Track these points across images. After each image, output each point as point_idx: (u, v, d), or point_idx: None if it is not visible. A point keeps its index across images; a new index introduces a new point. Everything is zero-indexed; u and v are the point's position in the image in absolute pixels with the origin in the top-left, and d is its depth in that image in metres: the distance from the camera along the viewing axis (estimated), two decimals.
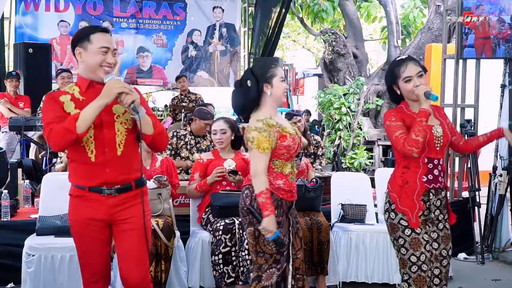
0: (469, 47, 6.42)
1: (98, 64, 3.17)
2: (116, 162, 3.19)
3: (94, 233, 3.25)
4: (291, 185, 3.57)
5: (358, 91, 10.66)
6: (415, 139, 3.36)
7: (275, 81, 3.55)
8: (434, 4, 11.75)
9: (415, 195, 3.48)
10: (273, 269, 3.52)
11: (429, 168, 3.50)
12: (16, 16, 10.84)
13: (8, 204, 5.14)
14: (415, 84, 3.46)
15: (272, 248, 3.50)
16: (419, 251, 3.48)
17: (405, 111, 3.55)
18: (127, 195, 3.26)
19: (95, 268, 3.33)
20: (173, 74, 11.27)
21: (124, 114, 3.22)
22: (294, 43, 21.64)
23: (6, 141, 7.92)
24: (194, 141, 6.26)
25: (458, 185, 6.65)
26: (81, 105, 3.14)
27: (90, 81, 3.22)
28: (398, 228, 3.52)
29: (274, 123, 3.49)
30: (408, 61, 3.52)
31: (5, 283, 4.91)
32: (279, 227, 3.47)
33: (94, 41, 3.18)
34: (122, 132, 3.22)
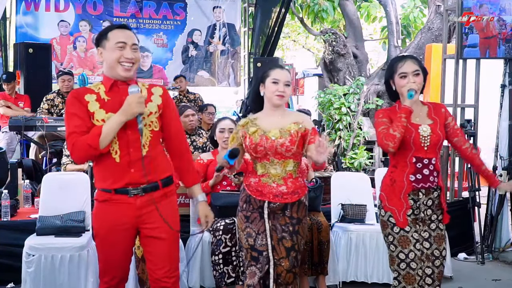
0: (469, 47, 6.42)
1: (116, 61, 3.16)
2: (140, 163, 3.16)
3: (120, 238, 3.23)
4: (262, 186, 3.56)
5: (358, 91, 10.64)
6: (392, 134, 3.42)
7: (267, 82, 3.59)
8: (434, 4, 11.73)
9: (402, 194, 3.52)
10: (252, 267, 3.54)
11: (418, 167, 3.53)
12: (16, 16, 10.83)
13: (8, 204, 5.14)
14: (409, 81, 3.50)
15: (245, 242, 3.56)
16: (407, 249, 3.52)
17: (397, 110, 3.58)
18: (155, 194, 3.22)
19: (116, 272, 3.31)
20: (173, 74, 11.26)
21: (150, 115, 3.21)
22: (294, 43, 21.61)
23: (6, 141, 7.92)
24: (189, 139, 6.29)
25: (458, 185, 6.65)
26: (106, 105, 3.15)
27: (113, 81, 3.21)
28: (388, 225, 3.57)
29: (247, 122, 3.62)
30: (408, 59, 3.57)
31: (5, 283, 4.91)
32: (247, 222, 3.56)
33: (110, 38, 3.18)
34: (147, 134, 3.20)
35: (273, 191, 3.55)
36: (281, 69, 3.63)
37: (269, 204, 3.56)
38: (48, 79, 9.32)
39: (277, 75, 3.58)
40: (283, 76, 3.57)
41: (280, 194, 3.55)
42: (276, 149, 3.52)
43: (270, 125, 3.58)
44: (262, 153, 3.53)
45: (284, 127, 3.56)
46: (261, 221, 3.56)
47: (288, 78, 3.61)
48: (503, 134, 6.54)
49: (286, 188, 3.57)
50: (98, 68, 11.42)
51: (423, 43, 11.48)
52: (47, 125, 6.88)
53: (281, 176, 3.56)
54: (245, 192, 3.62)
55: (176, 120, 3.39)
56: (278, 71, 3.60)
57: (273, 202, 3.56)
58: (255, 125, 3.60)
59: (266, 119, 3.61)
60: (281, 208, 3.58)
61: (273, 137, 3.53)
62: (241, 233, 3.62)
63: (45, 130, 6.95)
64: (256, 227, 3.55)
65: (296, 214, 3.60)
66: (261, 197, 3.56)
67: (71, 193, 4.94)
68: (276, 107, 3.60)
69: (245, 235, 3.57)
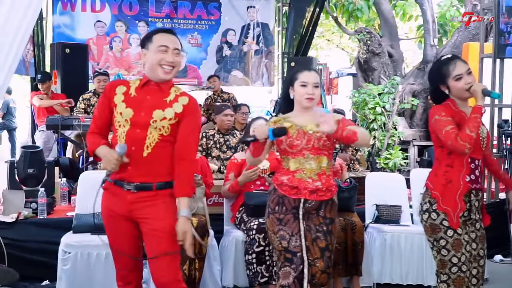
0: (510, 45, 6.32)
1: (158, 63, 3.27)
2: (139, 162, 3.25)
3: (119, 226, 3.35)
4: (298, 181, 3.53)
5: (393, 90, 10.55)
6: (469, 135, 3.32)
7: (296, 85, 3.61)
8: (471, 3, 11.57)
9: (457, 194, 3.45)
10: (286, 267, 3.52)
11: (472, 168, 3.48)
12: (53, 16, 10.97)
13: (45, 202, 5.22)
14: (466, 81, 3.43)
15: (278, 245, 3.53)
16: (460, 252, 3.47)
17: (453, 108, 3.51)
18: (147, 193, 3.28)
19: (123, 260, 3.41)
20: (207, 73, 11.30)
21: (162, 120, 3.27)
22: (328, 42, 21.52)
23: (43, 139, 8.04)
24: (223, 139, 6.34)
25: (495, 186, 6.55)
26: (129, 100, 3.28)
27: (147, 80, 3.33)
28: (440, 229, 3.49)
29: (279, 120, 3.61)
30: (456, 59, 3.51)
31: (40, 280, 4.98)
32: (280, 224, 3.52)
33: (155, 40, 3.30)
34: (154, 136, 3.26)
35: (309, 186, 3.53)
36: (309, 71, 3.63)
37: (305, 204, 3.54)
38: (85, 79, 9.42)
39: (305, 77, 3.58)
40: (311, 78, 3.57)
41: (315, 189, 3.54)
42: (314, 143, 3.52)
43: (304, 120, 3.59)
44: (298, 148, 3.52)
45: (319, 121, 3.55)
46: (295, 222, 3.54)
47: (317, 79, 3.60)
48: None
49: (321, 184, 3.56)
50: (134, 67, 11.52)
51: (460, 42, 11.33)
52: (84, 124, 6.95)
53: (316, 171, 3.55)
54: (277, 193, 3.59)
55: (192, 132, 3.37)
56: (306, 74, 3.60)
57: (309, 200, 3.54)
58: (288, 120, 3.60)
59: (298, 117, 3.62)
60: (315, 207, 3.56)
61: (310, 131, 3.54)
62: (272, 236, 3.59)
63: (82, 129, 7.02)
64: (290, 229, 3.53)
65: (329, 214, 3.60)
66: (296, 195, 3.53)
67: None
68: (306, 109, 3.61)
69: (278, 238, 3.54)
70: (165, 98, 3.34)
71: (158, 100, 3.32)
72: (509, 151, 6.19)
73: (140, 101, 3.28)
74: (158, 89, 3.34)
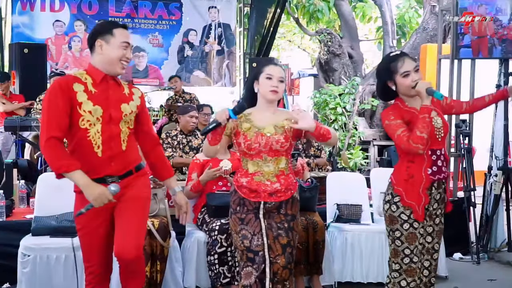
0: (465, 47, 6.43)
1: (119, 58, 3.29)
2: (121, 156, 3.33)
3: (97, 224, 3.34)
4: (256, 185, 3.52)
5: (353, 91, 10.67)
6: (420, 136, 3.37)
7: (261, 78, 3.55)
8: (429, 5, 11.75)
9: (421, 188, 3.50)
10: (248, 267, 3.51)
11: (433, 159, 3.53)
12: (12, 16, 10.82)
13: (3, 204, 5.12)
14: (413, 79, 3.46)
15: (240, 244, 3.52)
16: (413, 245, 3.55)
17: (402, 107, 3.56)
18: (128, 178, 3.39)
19: (101, 260, 3.41)
20: (169, 73, 11.25)
21: (130, 114, 3.38)
22: (289, 43, 21.64)
23: (1, 141, 7.92)
24: (186, 139, 6.31)
25: (453, 185, 6.65)
26: (93, 97, 3.25)
27: (104, 75, 3.31)
28: (397, 221, 3.55)
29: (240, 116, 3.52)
30: (404, 56, 3.53)
31: (0, 284, 4.90)
32: (242, 224, 3.53)
33: (117, 35, 3.29)
34: (126, 130, 3.35)
35: (268, 189, 3.52)
36: (274, 65, 3.61)
37: (265, 205, 3.54)
38: (43, 79, 9.30)
39: (271, 70, 3.55)
40: (276, 71, 3.55)
41: (274, 191, 3.53)
42: (271, 146, 3.50)
43: (263, 121, 3.54)
44: (256, 151, 3.50)
45: (278, 123, 3.54)
46: (257, 221, 3.54)
47: (282, 74, 3.57)
48: (498, 134, 6.54)
49: (279, 185, 3.54)
50: None
51: (418, 43, 11.51)
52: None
53: (274, 173, 3.53)
54: (237, 194, 3.57)
55: (148, 119, 3.62)
56: (272, 67, 3.57)
57: (269, 202, 3.53)
58: (248, 120, 3.55)
59: (259, 114, 3.57)
60: (276, 207, 3.56)
61: (268, 134, 3.50)
62: (235, 236, 3.59)
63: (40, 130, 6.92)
64: (252, 228, 3.53)
65: (290, 211, 3.59)
66: (256, 198, 3.52)
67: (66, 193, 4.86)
68: (270, 103, 3.57)
69: (241, 237, 3.54)
70: (123, 92, 3.41)
71: (119, 94, 3.37)
72: (467, 150, 6.29)
73: (104, 97, 3.29)
74: (115, 83, 3.39)
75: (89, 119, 3.23)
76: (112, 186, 3.22)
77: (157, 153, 3.60)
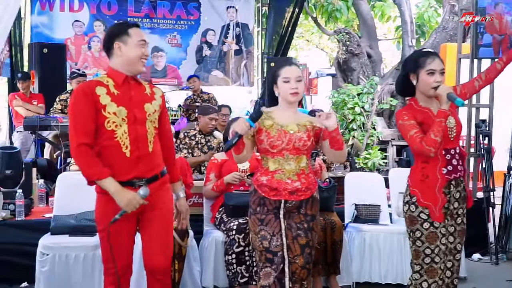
0: (484, 46, 6.38)
1: (139, 57, 3.33)
2: (148, 157, 3.36)
3: (125, 225, 3.35)
4: (277, 183, 3.50)
5: (372, 91, 10.61)
6: (434, 139, 3.37)
7: (279, 82, 3.56)
8: (449, 4, 11.67)
9: (437, 188, 3.49)
10: (267, 268, 3.50)
11: (447, 159, 3.51)
12: (31, 16, 10.89)
13: (22, 203, 5.17)
14: (436, 79, 3.46)
15: (259, 245, 3.51)
16: (434, 244, 3.52)
17: (416, 107, 3.56)
18: (155, 184, 3.40)
19: (124, 260, 3.43)
20: (187, 73, 11.28)
21: (154, 113, 3.41)
22: (307, 43, 21.59)
23: (20, 140, 7.97)
24: (204, 139, 6.31)
25: (473, 186, 6.61)
26: (116, 99, 3.29)
27: (126, 76, 3.36)
28: (417, 221, 3.54)
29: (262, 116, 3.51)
30: (436, 56, 3.54)
31: (19, 282, 4.94)
32: (261, 224, 3.51)
33: (133, 35, 3.34)
34: (152, 130, 3.39)
35: (288, 187, 3.50)
36: (290, 66, 3.59)
37: (285, 204, 3.53)
38: (63, 79, 9.36)
39: (287, 73, 3.54)
40: (293, 72, 3.54)
41: (295, 190, 3.51)
42: (294, 143, 3.50)
43: (286, 119, 3.55)
44: (279, 148, 3.50)
45: (300, 122, 3.55)
46: (276, 221, 3.53)
47: (299, 73, 3.56)
48: None
49: (300, 184, 3.52)
50: None
51: (437, 42, 11.43)
52: (62, 125, 6.90)
53: (295, 172, 3.52)
54: (257, 194, 3.56)
55: (168, 120, 3.65)
56: (287, 69, 3.57)
57: (289, 200, 3.52)
58: (270, 118, 3.55)
59: (281, 112, 3.57)
60: (296, 206, 3.55)
61: (291, 131, 3.50)
62: (254, 236, 3.58)
63: (60, 129, 6.97)
64: (271, 229, 3.52)
65: (310, 211, 3.58)
66: (276, 196, 3.51)
67: (85, 192, 4.85)
68: (292, 104, 3.58)
69: (260, 238, 3.52)
70: (145, 92, 3.44)
71: (141, 94, 3.41)
72: (487, 150, 6.25)
73: (127, 98, 3.32)
74: (136, 83, 3.42)
75: (114, 120, 3.27)
76: (141, 191, 3.26)
77: (171, 155, 3.62)
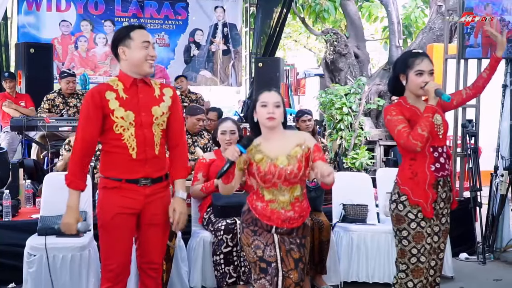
0: (470, 47, 6.41)
1: (144, 58, 3.36)
2: (154, 160, 3.44)
3: (125, 223, 3.42)
4: (271, 212, 3.45)
5: (359, 91, 10.64)
6: (421, 134, 3.40)
7: (257, 107, 3.49)
8: (436, 4, 11.73)
9: (426, 185, 3.52)
10: (262, 280, 3.43)
11: (435, 156, 3.56)
12: (18, 15, 10.84)
13: (9, 204, 5.14)
14: (425, 80, 3.51)
15: (253, 256, 3.46)
16: (420, 244, 3.55)
17: (404, 105, 3.60)
18: (160, 185, 3.51)
19: (121, 258, 3.45)
20: (175, 73, 11.27)
21: (162, 116, 3.45)
22: (295, 43, 21.63)
23: (7, 141, 7.93)
24: (191, 140, 6.31)
25: (460, 185, 6.64)
26: (124, 103, 3.36)
27: (133, 79, 3.40)
28: (405, 220, 3.57)
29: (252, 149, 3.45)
30: (425, 57, 3.59)
31: (6, 283, 4.91)
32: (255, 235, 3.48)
33: (135, 37, 3.37)
34: (158, 133, 3.45)
35: (281, 217, 3.46)
36: (269, 92, 3.53)
37: (277, 229, 3.49)
38: (50, 79, 9.33)
39: (265, 98, 3.48)
40: (271, 98, 3.48)
41: (287, 219, 3.47)
42: (285, 176, 3.43)
43: (275, 151, 3.47)
44: (271, 181, 3.44)
45: (290, 152, 3.46)
46: (269, 234, 3.50)
47: (278, 99, 3.50)
48: (504, 134, 6.54)
49: (293, 213, 3.48)
50: (100, 67, 11.44)
51: (424, 43, 11.48)
52: (49, 125, 6.88)
53: (289, 201, 3.47)
54: (251, 213, 3.51)
55: (180, 119, 3.65)
56: (266, 94, 3.50)
57: (281, 228, 3.49)
58: (259, 151, 3.47)
59: (269, 144, 3.49)
60: (287, 232, 3.50)
61: (281, 165, 3.42)
62: (247, 248, 3.52)
63: (47, 130, 6.95)
64: (265, 239, 3.48)
65: (301, 234, 3.55)
66: (269, 221, 3.48)
67: None
68: (270, 129, 3.50)
69: (253, 248, 3.48)
70: (154, 94, 3.47)
71: (149, 97, 3.45)
72: (473, 150, 6.28)
73: (135, 102, 3.38)
74: (145, 86, 3.46)
75: (122, 124, 3.35)
76: (80, 225, 3.39)
77: (179, 152, 3.62)
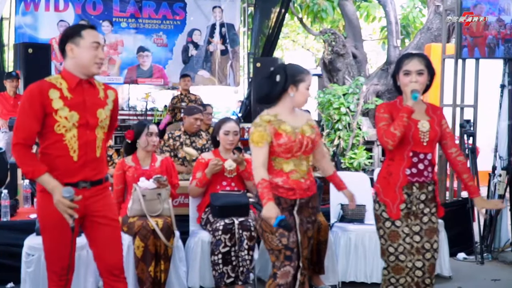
0: (466, 47, 6.42)
1: (92, 59, 3.28)
2: (95, 162, 3.37)
3: (64, 226, 3.24)
4: (293, 183, 3.56)
5: (357, 91, 10.64)
6: (393, 132, 3.49)
7: (301, 87, 3.61)
8: (434, 4, 11.74)
9: (397, 186, 3.60)
10: (286, 267, 3.53)
11: (414, 162, 3.62)
12: (16, 16, 10.84)
13: (8, 204, 5.14)
14: (411, 80, 3.57)
15: (278, 244, 3.52)
16: (396, 243, 3.62)
17: (397, 105, 3.66)
18: (99, 187, 3.41)
19: (66, 261, 3.34)
20: (173, 73, 11.29)
21: (105, 119, 3.40)
22: (293, 43, 21.64)
23: (6, 141, 7.93)
24: (189, 140, 6.31)
25: (458, 185, 6.65)
26: (69, 103, 3.26)
27: (79, 79, 3.32)
28: (380, 219, 3.67)
29: (272, 119, 3.54)
30: (415, 57, 3.64)
31: (4, 283, 4.91)
32: None
33: (85, 36, 3.28)
34: (101, 135, 3.39)
35: (303, 186, 3.59)
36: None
37: (300, 201, 3.60)
38: None
39: (310, 81, 3.65)
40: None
41: (307, 187, 3.62)
42: (308, 145, 3.60)
43: (297, 121, 3.63)
44: (293, 151, 3.54)
45: (307, 123, 3.67)
46: (291, 218, 3.57)
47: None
48: (502, 134, 6.54)
49: (309, 181, 3.65)
50: None
51: (422, 43, 11.49)
52: None
53: (307, 171, 3.63)
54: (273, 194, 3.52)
55: (115, 119, 3.64)
56: (310, 78, 3.66)
57: (303, 198, 3.60)
58: (283, 122, 3.56)
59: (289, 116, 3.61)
60: (307, 201, 3.64)
61: (307, 134, 3.60)
62: (270, 236, 3.54)
63: None
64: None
65: (315, 203, 3.73)
66: (294, 196, 3.56)
67: None
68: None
69: (278, 236, 3.51)
70: (98, 96, 3.41)
71: (94, 99, 3.37)
72: (471, 150, 6.29)
73: (80, 103, 3.29)
74: (90, 87, 3.38)
75: (64, 124, 3.25)
76: (64, 192, 3.17)
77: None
